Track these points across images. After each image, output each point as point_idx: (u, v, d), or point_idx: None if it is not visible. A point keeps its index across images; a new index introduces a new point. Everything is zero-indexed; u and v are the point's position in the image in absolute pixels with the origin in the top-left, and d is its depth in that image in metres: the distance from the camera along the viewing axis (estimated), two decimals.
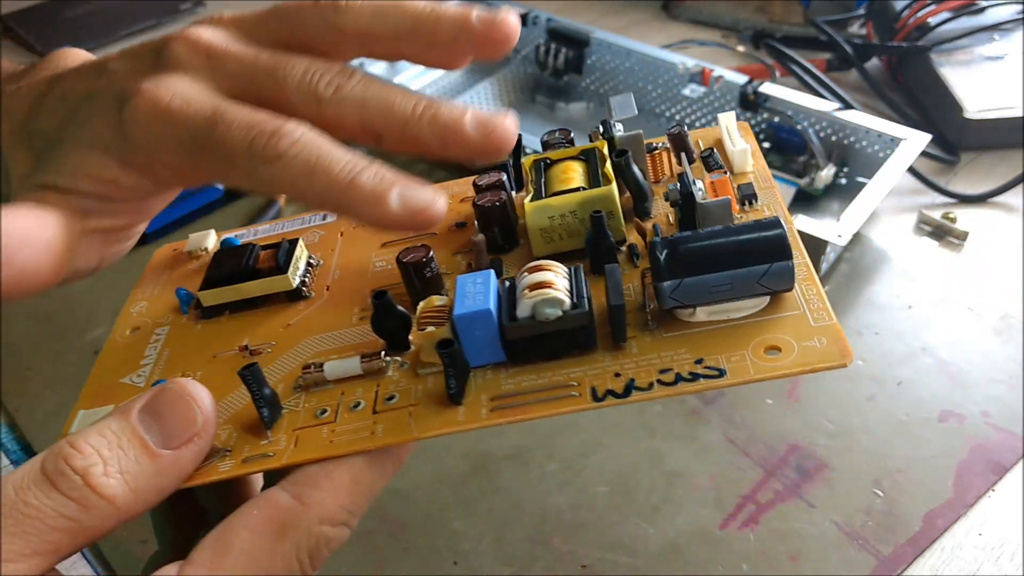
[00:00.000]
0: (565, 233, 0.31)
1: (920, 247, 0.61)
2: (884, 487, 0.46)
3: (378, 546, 0.46)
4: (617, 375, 0.27)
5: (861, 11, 0.81)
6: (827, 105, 0.64)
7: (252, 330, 0.33)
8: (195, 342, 0.33)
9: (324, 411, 0.29)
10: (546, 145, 0.35)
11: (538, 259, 0.30)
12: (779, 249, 0.27)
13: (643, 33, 0.84)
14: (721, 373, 0.27)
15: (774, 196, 0.33)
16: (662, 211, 0.33)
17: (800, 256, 0.29)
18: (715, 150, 0.33)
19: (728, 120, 0.36)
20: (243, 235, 0.39)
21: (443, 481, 0.48)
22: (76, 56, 0.35)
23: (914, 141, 0.61)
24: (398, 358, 0.30)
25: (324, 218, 0.39)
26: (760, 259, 0.27)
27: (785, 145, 0.65)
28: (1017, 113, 0.67)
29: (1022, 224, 0.62)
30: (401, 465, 0.28)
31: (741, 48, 0.81)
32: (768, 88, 0.65)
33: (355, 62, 0.38)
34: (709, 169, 0.33)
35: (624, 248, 0.31)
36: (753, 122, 0.67)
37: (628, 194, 0.33)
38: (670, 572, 0.43)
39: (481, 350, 0.28)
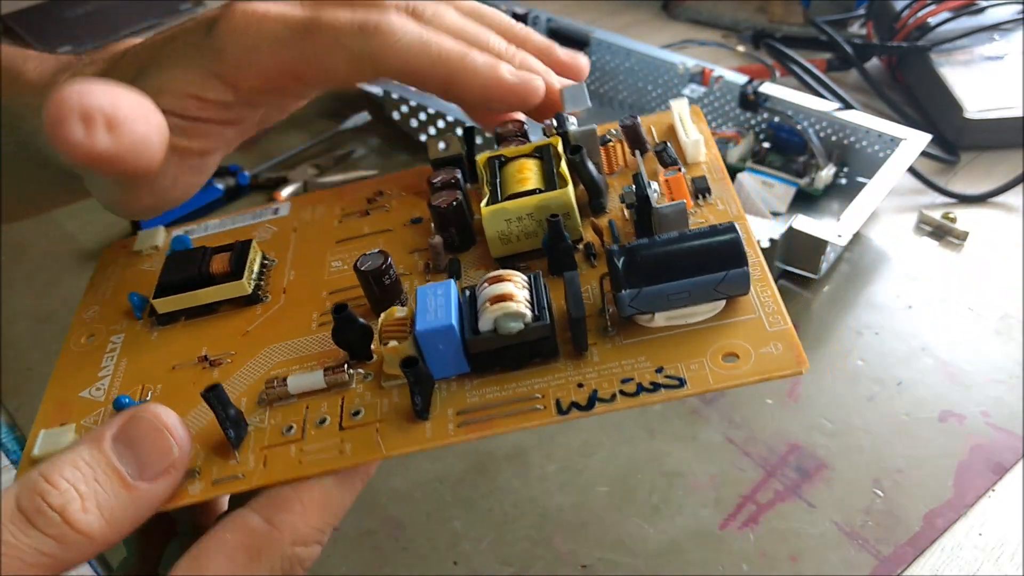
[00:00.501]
0: (523, 235, 0.31)
1: (920, 247, 0.61)
2: (884, 487, 0.46)
3: (378, 546, 0.46)
4: (580, 385, 0.28)
5: (861, 11, 0.81)
6: (827, 105, 0.64)
7: (210, 337, 0.33)
8: (152, 351, 0.33)
9: (290, 428, 0.29)
10: (499, 137, 0.35)
11: (498, 266, 0.30)
12: (734, 256, 0.27)
13: (643, 33, 0.84)
14: (681, 383, 0.27)
15: (727, 189, 0.33)
16: (617, 204, 0.33)
17: (754, 255, 0.29)
18: (668, 144, 0.33)
19: (680, 107, 0.35)
20: (193, 231, 0.38)
21: (443, 481, 0.48)
22: None
23: (914, 141, 0.61)
24: (361, 370, 0.30)
25: (276, 212, 0.38)
26: (716, 266, 0.27)
27: (785, 145, 0.65)
28: (1017, 113, 0.67)
29: (1022, 224, 0.62)
30: (368, 478, 0.29)
31: (741, 48, 0.81)
32: (768, 88, 0.65)
33: None
34: (664, 165, 0.33)
35: (581, 247, 0.31)
36: (753, 122, 0.67)
37: (582, 188, 0.32)
38: (670, 572, 0.43)
39: (445, 363, 0.28)
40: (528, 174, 0.32)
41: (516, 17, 0.76)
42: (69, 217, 0.67)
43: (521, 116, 0.36)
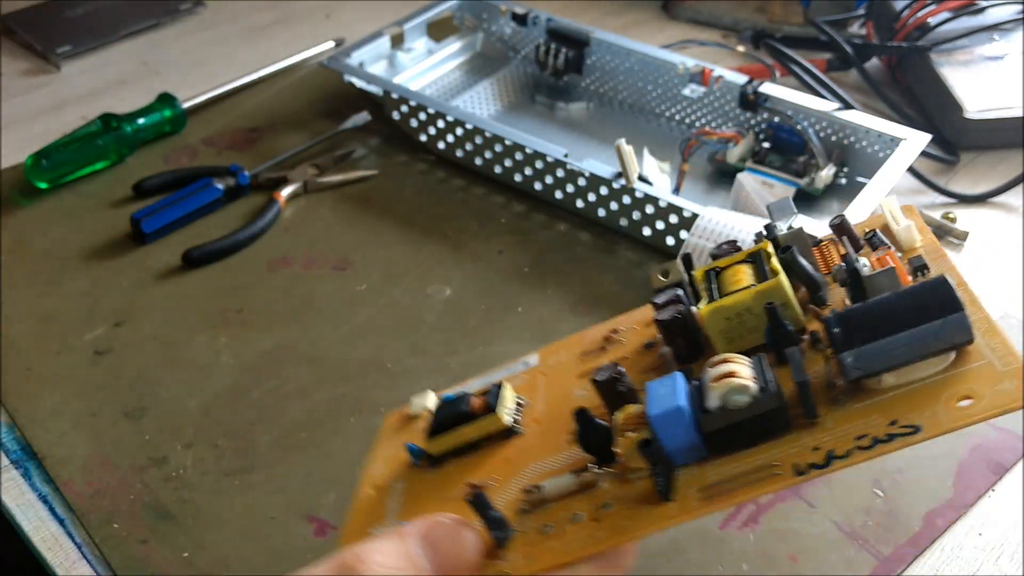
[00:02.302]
0: (745, 331, 0.33)
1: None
2: (884, 487, 0.46)
3: None
4: (815, 449, 0.28)
5: (861, 11, 0.81)
6: (827, 105, 0.64)
7: (476, 469, 0.36)
8: (429, 488, 0.36)
9: (549, 527, 0.31)
10: (714, 256, 0.36)
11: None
12: (948, 302, 0.28)
13: (643, 33, 0.84)
14: (916, 429, 0.27)
15: (946, 264, 0.33)
16: (839, 298, 0.33)
17: (979, 312, 0.29)
18: (878, 231, 0.34)
19: (891, 204, 0.37)
20: (460, 390, 0.41)
21: None
22: None
23: (914, 141, 0.61)
24: (609, 470, 0.32)
25: (526, 364, 0.41)
26: (932, 315, 0.28)
27: (785, 145, 0.65)
28: (1017, 113, 0.67)
29: (1022, 224, 0.62)
30: (628, 565, 0.31)
31: (741, 48, 0.81)
32: (768, 88, 0.65)
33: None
34: (874, 248, 0.34)
35: (806, 337, 0.32)
36: (753, 122, 0.67)
37: (803, 289, 0.33)
38: (670, 572, 0.43)
39: (682, 449, 0.29)
40: (742, 276, 0.34)
41: (516, 17, 0.76)
42: (69, 217, 0.67)
43: (735, 233, 0.36)
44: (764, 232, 0.35)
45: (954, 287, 0.28)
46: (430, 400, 0.41)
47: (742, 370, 0.29)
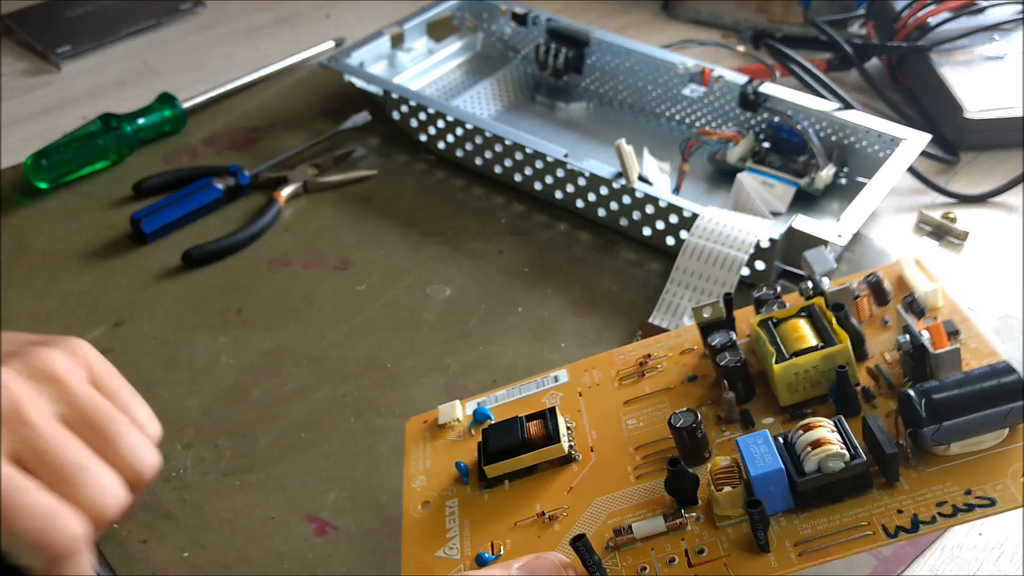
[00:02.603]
0: (808, 384, 0.36)
1: (920, 247, 0.61)
2: None
3: (378, 546, 0.46)
4: (900, 511, 0.32)
5: (861, 11, 0.81)
6: (827, 105, 0.64)
7: (537, 495, 0.37)
8: (489, 511, 0.37)
9: (644, 568, 0.33)
10: (758, 301, 0.40)
11: (786, 415, 0.36)
12: (1017, 392, 0.32)
13: (643, 33, 0.84)
14: (992, 502, 0.31)
15: (971, 327, 0.38)
16: (876, 351, 0.38)
17: None
18: (916, 296, 0.39)
19: (907, 261, 0.41)
20: (485, 401, 0.43)
21: None
22: None
23: (914, 141, 0.61)
24: (692, 513, 0.34)
25: (556, 379, 0.43)
26: (1002, 401, 0.32)
27: (785, 145, 0.65)
28: (1017, 113, 0.67)
29: (1022, 224, 0.62)
30: None
31: (741, 48, 0.81)
32: (768, 88, 0.65)
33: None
34: (916, 314, 0.38)
35: (860, 390, 0.36)
36: (753, 122, 0.67)
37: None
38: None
39: (773, 502, 0.33)
40: (803, 332, 0.37)
41: (516, 17, 0.76)
42: (69, 217, 0.67)
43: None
44: (810, 285, 0.39)
45: (1020, 375, 0.32)
46: (458, 410, 0.42)
47: (831, 436, 0.33)
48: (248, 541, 0.46)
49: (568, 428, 0.39)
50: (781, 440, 0.34)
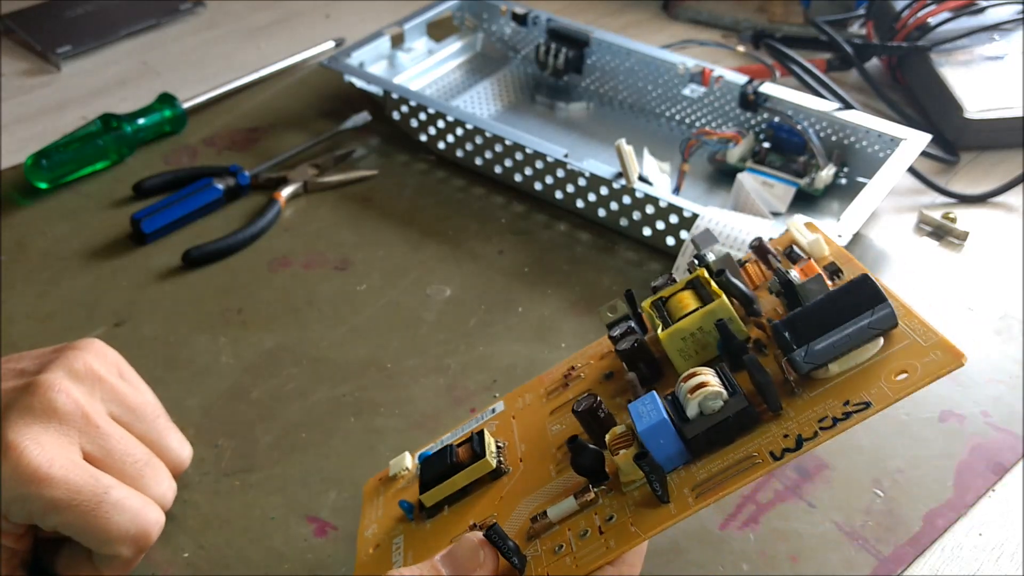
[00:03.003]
0: (699, 347, 0.37)
1: (920, 247, 0.61)
2: (884, 487, 0.46)
3: None
4: (785, 436, 0.32)
5: (861, 11, 0.81)
6: (827, 105, 0.64)
7: (472, 511, 0.38)
8: (430, 538, 0.38)
9: (560, 547, 0.34)
10: (656, 289, 0.40)
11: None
12: (875, 297, 0.33)
13: (643, 33, 0.84)
14: (867, 405, 0.32)
15: (854, 265, 0.38)
16: (768, 307, 0.38)
17: (894, 299, 0.34)
18: (794, 246, 0.40)
19: (797, 224, 0.42)
20: (434, 447, 0.43)
21: None
22: None
23: (914, 141, 0.61)
24: (603, 488, 0.35)
25: (493, 411, 0.44)
26: (864, 309, 0.33)
27: (785, 145, 0.65)
28: (1017, 113, 0.67)
29: (1022, 224, 0.62)
30: (639, 570, 0.35)
31: (741, 48, 0.81)
32: (768, 88, 0.65)
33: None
34: (794, 261, 0.39)
35: (751, 344, 0.37)
36: (753, 122, 0.67)
37: (737, 303, 0.38)
38: (670, 572, 0.43)
39: (670, 456, 0.33)
40: (688, 301, 0.38)
41: (516, 17, 0.76)
42: (69, 217, 0.67)
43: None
44: (696, 262, 0.40)
45: (877, 282, 0.33)
46: (407, 461, 0.43)
47: (711, 379, 0.33)
48: (248, 541, 0.46)
49: (499, 447, 0.41)
50: (669, 398, 0.34)
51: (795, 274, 0.36)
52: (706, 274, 0.38)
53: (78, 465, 0.40)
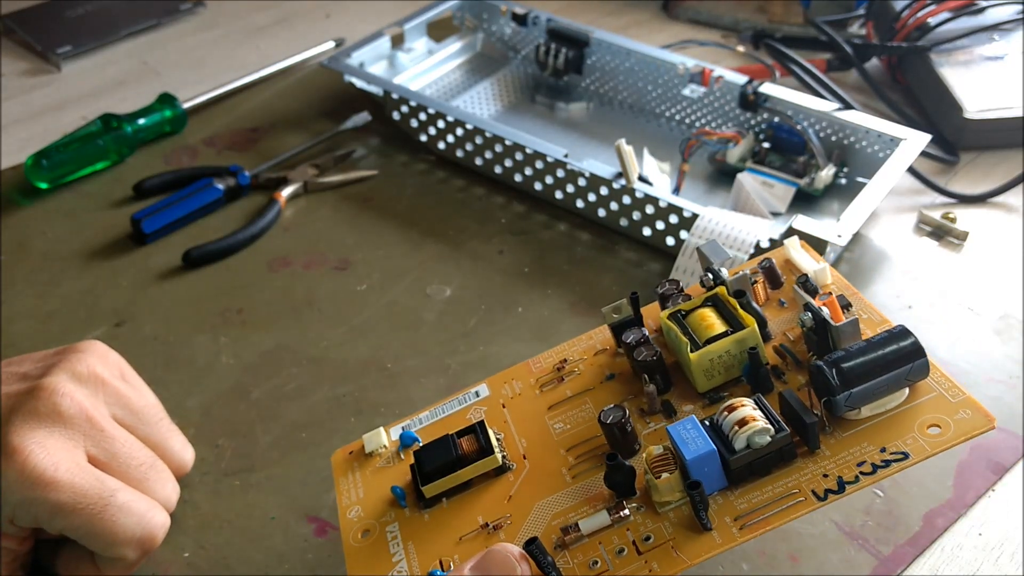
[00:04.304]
0: (723, 368, 0.38)
1: (920, 247, 0.61)
2: (884, 487, 0.46)
3: None
4: (825, 475, 0.34)
5: (861, 11, 0.81)
6: (827, 105, 0.64)
7: (477, 508, 0.38)
8: (431, 530, 0.38)
9: (595, 562, 0.34)
10: (663, 297, 0.41)
11: (705, 401, 0.38)
12: (916, 352, 0.35)
13: (643, 33, 0.84)
14: (905, 455, 0.34)
15: (861, 300, 0.40)
16: (777, 331, 0.40)
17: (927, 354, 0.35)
18: (809, 276, 0.41)
19: (793, 243, 0.43)
20: (410, 425, 0.43)
21: None
22: None
23: (914, 141, 0.61)
24: (633, 504, 0.35)
25: (477, 395, 0.43)
26: (904, 362, 0.35)
27: (785, 145, 0.65)
28: (1017, 113, 0.67)
29: (1022, 224, 0.62)
30: None
31: (741, 48, 0.81)
32: (768, 88, 0.65)
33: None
34: (810, 293, 0.40)
35: (769, 368, 0.38)
36: (753, 122, 0.67)
37: None
38: None
39: (709, 482, 0.34)
40: (711, 320, 0.39)
41: (516, 17, 0.76)
42: (69, 217, 0.67)
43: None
44: (710, 276, 0.41)
45: (915, 336, 0.35)
46: (383, 437, 0.42)
47: (756, 414, 0.34)
48: (248, 541, 0.46)
49: (498, 439, 0.40)
50: (707, 423, 0.35)
51: (827, 312, 0.37)
52: (726, 293, 0.39)
53: (83, 468, 0.39)
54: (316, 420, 0.52)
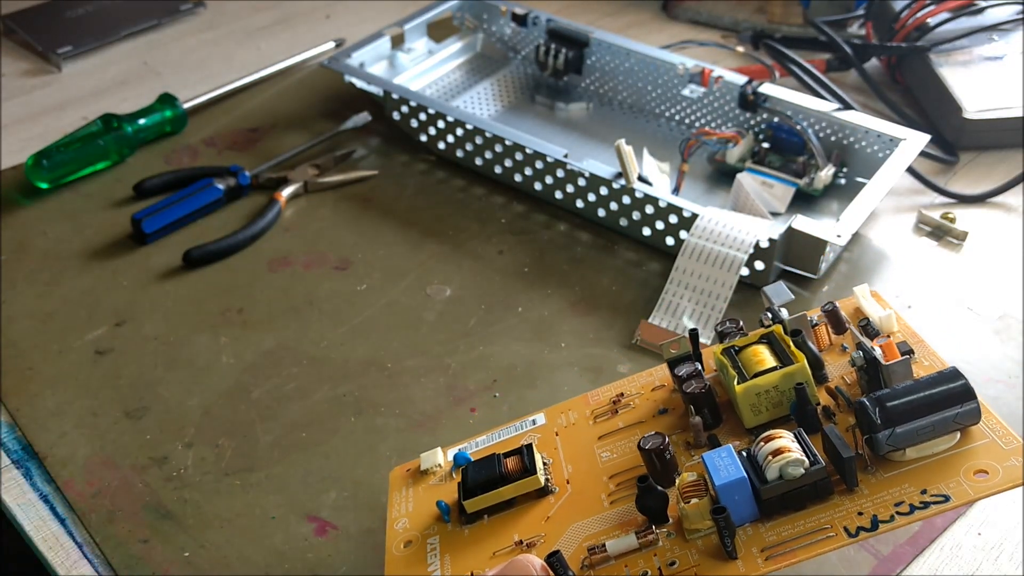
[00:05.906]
0: (770, 405, 0.38)
1: (919, 247, 0.61)
2: None
3: (378, 546, 0.46)
4: (860, 513, 0.33)
5: (860, 11, 0.81)
6: (826, 105, 0.64)
7: (515, 526, 0.38)
8: (469, 545, 0.38)
9: None
10: (722, 334, 0.41)
11: (752, 437, 0.36)
12: (966, 394, 0.34)
13: (643, 33, 0.84)
14: (946, 498, 0.33)
15: (925, 347, 0.39)
16: (835, 374, 0.39)
17: (977, 398, 0.34)
18: (871, 320, 0.41)
19: (862, 291, 0.43)
20: (467, 447, 0.44)
21: None
22: None
23: (913, 141, 0.61)
24: (664, 530, 0.35)
25: (534, 422, 0.44)
26: (952, 404, 0.34)
27: (785, 145, 0.65)
28: (1016, 113, 0.67)
29: (1022, 224, 0.62)
30: None
31: (741, 48, 0.81)
32: (768, 88, 0.65)
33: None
34: (870, 336, 0.40)
35: (819, 409, 0.37)
36: (753, 122, 0.67)
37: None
38: None
39: (740, 512, 0.34)
40: (763, 356, 0.38)
41: (516, 18, 0.76)
42: (70, 217, 0.67)
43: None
44: (769, 315, 0.41)
45: (966, 378, 0.34)
46: (439, 456, 0.43)
47: (791, 445, 0.34)
48: (249, 541, 0.46)
49: (545, 464, 0.41)
50: (744, 454, 0.35)
51: (880, 352, 0.37)
52: (781, 331, 0.39)
53: None
54: (316, 420, 0.52)
